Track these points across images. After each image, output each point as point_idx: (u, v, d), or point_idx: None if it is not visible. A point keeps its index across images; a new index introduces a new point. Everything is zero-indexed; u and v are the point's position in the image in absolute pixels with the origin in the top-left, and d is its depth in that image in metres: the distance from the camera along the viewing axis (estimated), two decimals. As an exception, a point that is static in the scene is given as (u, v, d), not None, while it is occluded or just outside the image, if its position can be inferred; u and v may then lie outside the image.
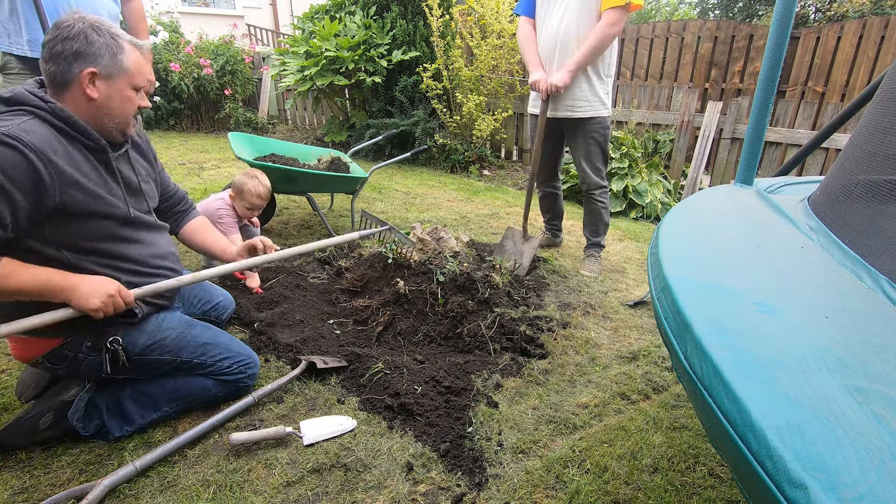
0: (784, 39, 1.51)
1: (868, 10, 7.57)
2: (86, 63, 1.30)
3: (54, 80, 1.31)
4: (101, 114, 1.36)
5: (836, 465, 0.56)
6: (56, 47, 1.28)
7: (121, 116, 1.40)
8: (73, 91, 1.32)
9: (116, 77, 1.36)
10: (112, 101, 1.36)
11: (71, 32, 1.29)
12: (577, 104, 2.74)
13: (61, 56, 1.28)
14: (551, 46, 2.70)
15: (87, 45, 1.30)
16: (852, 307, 0.89)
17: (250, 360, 1.70)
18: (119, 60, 1.35)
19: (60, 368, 1.47)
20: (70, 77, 1.30)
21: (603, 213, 3.03)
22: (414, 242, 2.32)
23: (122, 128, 1.43)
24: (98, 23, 1.34)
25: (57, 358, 1.44)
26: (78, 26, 1.30)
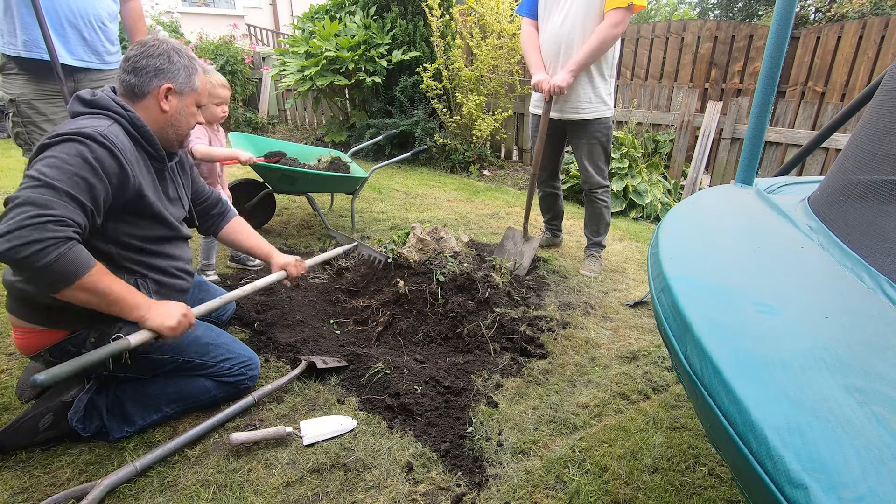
0: (784, 39, 1.51)
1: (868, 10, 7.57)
2: (165, 79, 1.45)
3: (132, 90, 1.44)
4: (168, 125, 1.51)
5: (836, 465, 0.56)
6: (140, 62, 1.43)
7: (184, 129, 1.56)
8: (147, 101, 1.46)
9: (187, 94, 1.52)
10: (180, 114, 1.52)
11: (156, 51, 1.44)
12: (581, 105, 2.74)
13: (144, 70, 1.43)
14: (554, 47, 2.70)
15: (169, 63, 1.45)
16: (852, 307, 0.89)
17: (251, 361, 1.71)
18: (192, 80, 1.52)
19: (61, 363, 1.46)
20: (148, 90, 1.45)
21: (604, 212, 3.04)
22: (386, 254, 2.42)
23: (182, 139, 1.58)
24: (179, 46, 1.50)
25: (59, 352, 1.44)
26: (162, 47, 1.45)
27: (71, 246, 1.18)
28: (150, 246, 1.51)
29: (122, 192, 1.35)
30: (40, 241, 1.12)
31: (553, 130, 2.90)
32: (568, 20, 2.62)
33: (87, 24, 2.30)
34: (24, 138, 2.32)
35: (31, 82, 2.26)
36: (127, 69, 1.44)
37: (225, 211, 1.93)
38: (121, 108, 1.40)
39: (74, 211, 1.21)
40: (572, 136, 2.91)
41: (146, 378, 1.58)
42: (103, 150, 1.29)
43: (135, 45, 1.45)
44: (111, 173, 1.30)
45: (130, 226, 1.43)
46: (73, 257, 1.18)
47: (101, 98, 1.40)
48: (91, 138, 1.27)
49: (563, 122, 2.84)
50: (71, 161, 1.23)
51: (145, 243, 1.49)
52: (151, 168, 1.50)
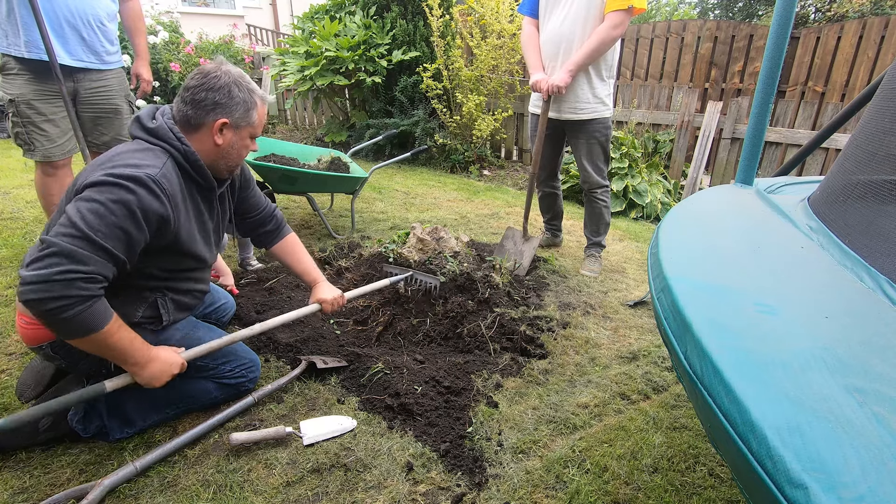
0: (784, 39, 1.51)
1: (868, 10, 7.57)
2: (221, 114, 1.43)
3: (188, 121, 1.43)
4: (219, 157, 1.49)
5: (836, 465, 0.56)
6: (199, 95, 1.40)
7: (235, 161, 1.54)
8: (202, 134, 1.44)
9: (243, 129, 1.49)
10: (233, 148, 1.50)
11: (217, 84, 1.41)
12: (580, 106, 2.74)
13: (202, 104, 1.41)
14: (554, 47, 2.70)
15: (228, 98, 1.42)
16: (852, 307, 0.89)
17: (252, 363, 1.71)
18: (250, 115, 1.49)
19: (59, 359, 1.46)
20: (203, 122, 1.43)
21: (604, 212, 3.04)
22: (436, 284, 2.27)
23: (232, 169, 1.56)
24: (241, 78, 1.46)
25: (60, 348, 1.43)
26: (223, 80, 1.42)
27: (93, 303, 1.19)
28: (174, 275, 1.52)
29: (160, 235, 1.35)
30: (65, 297, 1.14)
31: (552, 130, 2.90)
32: (568, 20, 2.62)
33: (86, 25, 2.31)
34: (24, 138, 2.32)
35: (30, 82, 2.26)
36: (186, 99, 1.42)
37: (278, 227, 1.89)
38: (178, 141, 1.40)
39: (106, 266, 1.22)
40: (571, 136, 2.91)
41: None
42: (151, 197, 1.27)
43: (196, 75, 1.42)
44: (153, 220, 1.30)
45: (158, 259, 1.43)
46: (90, 316, 1.19)
47: (161, 128, 1.39)
48: (142, 184, 1.26)
49: (562, 122, 2.84)
50: (116, 211, 1.22)
51: (171, 273, 1.50)
52: (198, 198, 1.49)
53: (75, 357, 1.45)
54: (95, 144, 2.54)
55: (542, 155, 2.93)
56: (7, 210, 3.30)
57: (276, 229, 1.88)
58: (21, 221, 3.13)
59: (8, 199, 3.54)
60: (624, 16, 2.49)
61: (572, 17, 2.61)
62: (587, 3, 2.56)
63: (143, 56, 2.65)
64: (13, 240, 2.83)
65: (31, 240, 2.86)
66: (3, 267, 2.53)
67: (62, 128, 2.37)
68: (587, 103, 2.73)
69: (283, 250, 1.88)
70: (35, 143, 2.32)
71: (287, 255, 1.89)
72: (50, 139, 2.35)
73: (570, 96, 2.72)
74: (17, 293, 1.41)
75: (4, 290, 2.31)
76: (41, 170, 2.42)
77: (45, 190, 2.46)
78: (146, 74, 2.65)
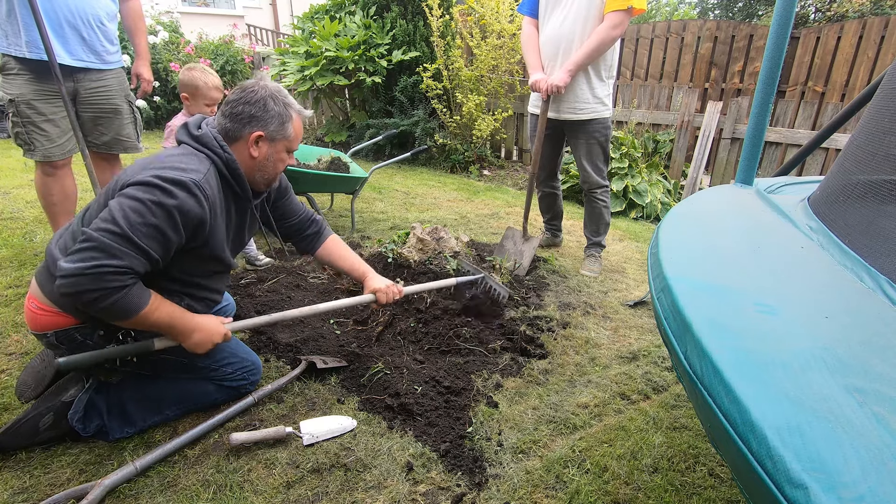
0: (784, 39, 1.51)
1: (868, 10, 7.57)
2: (257, 127, 1.47)
3: (227, 134, 1.48)
4: (255, 169, 1.53)
5: (836, 465, 0.56)
6: (237, 108, 1.46)
7: (272, 174, 1.57)
8: (238, 146, 1.49)
9: (278, 141, 1.52)
10: (268, 160, 1.53)
11: (253, 98, 1.46)
12: (579, 106, 2.74)
13: (239, 117, 1.46)
14: (553, 47, 2.71)
15: (263, 111, 1.47)
16: (852, 307, 0.89)
17: (254, 366, 1.71)
18: (285, 128, 1.52)
19: (64, 349, 1.45)
20: (240, 135, 1.47)
21: (604, 212, 3.04)
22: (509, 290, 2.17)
23: (269, 182, 1.59)
24: (277, 92, 1.50)
25: (65, 338, 1.43)
26: (260, 94, 1.47)
27: (127, 291, 1.24)
28: (196, 280, 1.53)
29: (194, 237, 1.38)
30: (98, 290, 1.20)
31: (552, 130, 2.90)
32: (568, 21, 2.62)
33: (86, 24, 2.31)
34: (24, 138, 2.32)
35: (30, 82, 2.26)
36: (225, 113, 1.47)
37: (320, 230, 1.91)
38: (221, 149, 1.44)
39: (140, 262, 1.25)
40: (570, 136, 2.91)
41: (147, 379, 1.58)
42: (193, 202, 1.31)
43: (236, 89, 1.48)
44: (191, 224, 1.33)
45: (185, 260, 1.44)
46: (127, 302, 1.24)
47: (206, 135, 1.44)
48: (186, 188, 1.30)
49: (562, 122, 2.84)
50: (157, 213, 1.25)
51: (194, 277, 1.52)
52: (233, 207, 1.53)
53: (79, 348, 1.45)
54: (95, 144, 2.54)
55: (541, 155, 2.93)
56: (7, 210, 3.30)
57: (317, 233, 1.90)
58: (21, 221, 3.13)
59: (8, 199, 3.54)
60: (623, 16, 2.49)
61: (572, 18, 2.61)
62: (587, 3, 2.56)
63: (144, 56, 2.64)
64: (13, 240, 2.83)
65: (31, 240, 2.86)
66: (3, 267, 2.53)
67: (62, 128, 2.37)
68: (586, 103, 2.73)
69: (327, 252, 1.90)
70: (35, 143, 2.32)
71: (332, 256, 1.90)
72: (50, 139, 2.35)
73: (570, 96, 2.72)
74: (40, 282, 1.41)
75: (4, 289, 2.31)
76: (41, 170, 2.42)
77: (45, 190, 2.46)
78: (146, 74, 2.65)
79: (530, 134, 3.01)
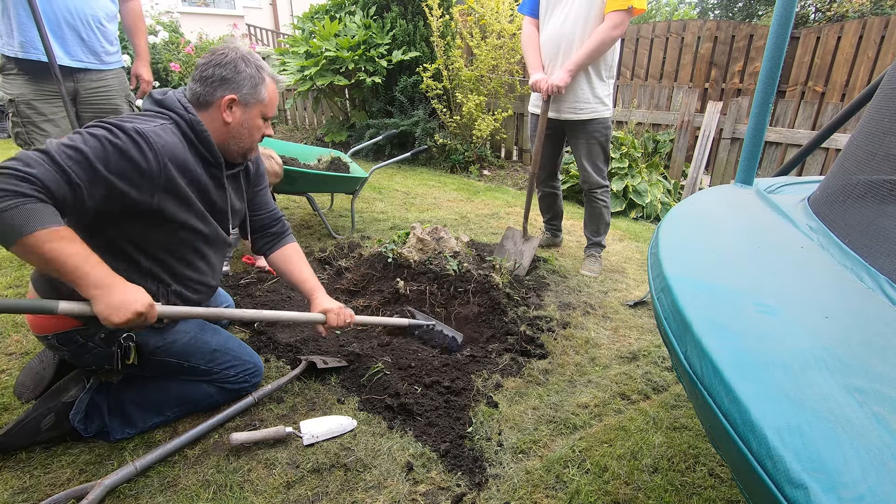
0: (784, 39, 1.51)
1: (868, 10, 7.57)
2: (229, 90, 1.42)
3: (197, 99, 1.43)
4: (229, 137, 1.47)
5: (836, 465, 0.56)
6: (207, 71, 1.40)
7: (247, 142, 1.51)
8: (211, 111, 1.43)
9: (252, 106, 1.47)
10: (243, 126, 1.47)
11: (223, 60, 1.41)
12: (580, 106, 2.74)
13: (209, 80, 1.40)
14: (554, 47, 2.71)
15: (234, 73, 1.41)
16: (852, 307, 0.89)
17: (256, 368, 1.70)
18: (258, 91, 1.46)
19: (65, 351, 1.45)
20: (212, 99, 1.42)
21: (604, 212, 3.05)
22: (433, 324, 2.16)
23: (245, 152, 1.53)
24: (249, 54, 1.45)
25: (66, 340, 1.43)
26: (231, 56, 1.42)
27: (25, 202, 1.08)
28: (179, 252, 1.46)
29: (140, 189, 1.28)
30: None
31: (552, 130, 2.90)
32: (568, 21, 2.62)
33: (85, 25, 2.30)
34: (24, 138, 2.32)
35: (30, 83, 2.26)
36: (195, 77, 1.42)
37: (283, 232, 1.84)
38: (185, 110, 1.39)
39: (54, 177, 1.13)
40: (571, 136, 2.91)
41: (148, 381, 1.58)
42: (130, 144, 1.24)
43: (206, 54, 1.43)
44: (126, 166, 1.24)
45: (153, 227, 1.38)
46: (22, 213, 1.07)
47: (168, 98, 1.41)
48: (125, 131, 1.25)
49: (562, 122, 2.84)
50: (89, 141, 1.21)
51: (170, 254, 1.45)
52: (204, 173, 1.45)
53: (80, 350, 1.45)
54: None
55: (541, 155, 2.93)
56: (7, 210, 3.30)
57: (280, 233, 1.83)
58: (21, 221, 3.12)
59: (8, 199, 3.54)
60: (624, 16, 2.49)
61: (573, 18, 2.61)
62: (587, 3, 2.56)
63: (144, 56, 2.64)
64: (13, 240, 2.83)
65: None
66: (3, 267, 2.53)
67: (62, 128, 2.37)
68: (587, 103, 2.73)
69: (285, 256, 1.81)
70: (35, 143, 2.32)
71: (288, 262, 1.80)
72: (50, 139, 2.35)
73: (570, 96, 2.72)
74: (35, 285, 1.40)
75: (4, 290, 2.31)
76: None
77: None
78: (146, 75, 2.65)
79: (531, 134, 3.02)
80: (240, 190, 1.65)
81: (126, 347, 1.44)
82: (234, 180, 1.60)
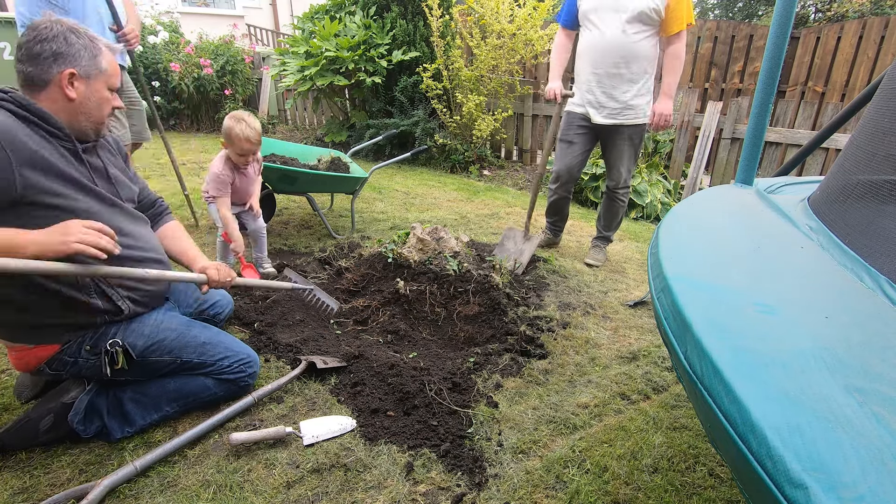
0: (784, 39, 1.51)
1: (868, 10, 7.57)
2: (65, 64, 1.31)
3: (31, 80, 1.31)
4: (77, 112, 1.37)
5: (836, 465, 0.56)
6: (35, 48, 1.29)
7: (97, 115, 1.41)
8: (50, 91, 1.32)
9: (94, 78, 1.37)
10: (89, 100, 1.38)
11: (50, 34, 1.30)
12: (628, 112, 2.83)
13: (40, 57, 1.29)
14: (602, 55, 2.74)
15: (67, 46, 1.31)
16: (852, 307, 0.89)
17: (250, 358, 1.70)
18: (98, 62, 1.37)
19: (63, 374, 1.47)
20: (49, 77, 1.31)
21: (620, 210, 3.16)
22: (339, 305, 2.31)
23: (97, 127, 1.44)
24: (76, 26, 1.36)
25: (58, 364, 1.44)
26: (56, 28, 1.31)
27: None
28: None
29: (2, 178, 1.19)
30: None
31: (587, 133, 2.96)
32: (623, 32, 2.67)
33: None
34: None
35: None
36: (21, 58, 1.29)
37: (161, 213, 1.80)
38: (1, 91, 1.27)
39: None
40: (612, 139, 2.96)
41: (146, 379, 1.58)
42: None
43: (26, 31, 1.31)
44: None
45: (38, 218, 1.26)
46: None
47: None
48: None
49: (603, 126, 2.89)
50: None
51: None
52: (61, 149, 1.34)
53: (73, 367, 1.46)
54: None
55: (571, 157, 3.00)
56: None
57: (159, 213, 1.79)
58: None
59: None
60: (686, 32, 2.71)
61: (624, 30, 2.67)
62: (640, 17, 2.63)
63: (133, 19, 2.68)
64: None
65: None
66: None
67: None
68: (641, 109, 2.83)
69: (168, 232, 1.76)
70: None
71: (168, 238, 1.75)
72: None
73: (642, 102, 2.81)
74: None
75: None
76: None
77: None
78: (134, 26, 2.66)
79: (563, 132, 3.04)
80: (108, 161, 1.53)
81: (113, 353, 1.44)
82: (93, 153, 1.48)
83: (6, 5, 8.76)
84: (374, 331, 2.21)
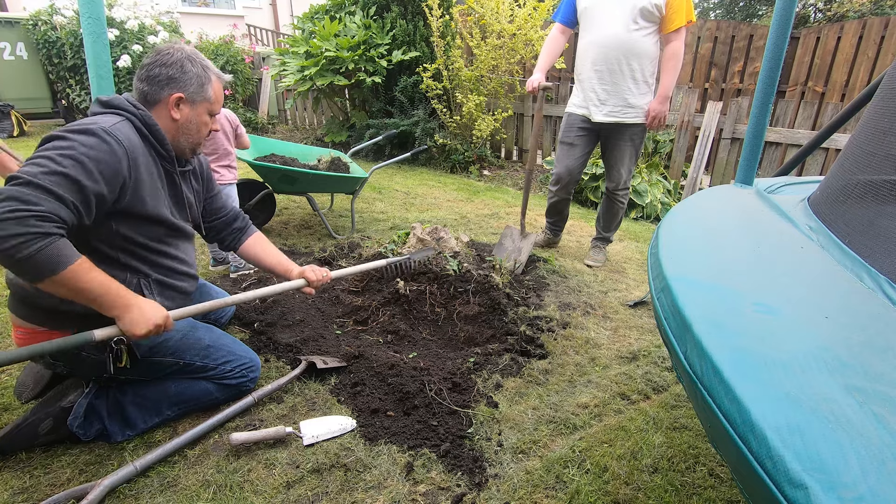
0: (784, 39, 1.51)
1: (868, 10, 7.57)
2: (176, 88, 1.47)
3: (145, 97, 1.46)
4: (179, 133, 1.51)
5: (836, 465, 0.56)
6: (154, 71, 1.45)
7: (195, 137, 1.56)
8: (159, 109, 1.47)
9: (199, 103, 1.52)
10: (191, 123, 1.52)
11: (169, 60, 1.45)
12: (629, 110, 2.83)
13: (156, 79, 1.45)
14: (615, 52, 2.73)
15: (181, 73, 1.47)
16: (852, 307, 0.89)
17: (252, 363, 1.70)
18: (205, 90, 1.52)
19: (61, 365, 1.46)
20: (159, 97, 1.46)
21: (620, 211, 3.16)
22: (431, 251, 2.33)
23: (194, 147, 1.58)
24: (194, 54, 1.51)
25: (60, 355, 1.43)
26: (176, 56, 1.47)
27: (53, 241, 1.15)
28: (152, 244, 1.48)
29: (119, 187, 1.32)
30: (21, 234, 1.11)
31: (588, 133, 2.96)
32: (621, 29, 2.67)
33: None
34: None
35: None
36: (141, 77, 1.46)
37: (246, 226, 1.88)
38: (133, 107, 1.41)
39: (59, 207, 1.18)
40: (612, 139, 2.95)
41: (147, 381, 1.58)
42: (103, 146, 1.27)
43: (151, 54, 1.47)
44: (106, 170, 1.27)
45: (130, 226, 1.40)
46: (53, 252, 1.15)
47: (115, 98, 1.43)
48: (93, 134, 1.26)
49: (605, 125, 2.88)
50: (63, 162, 1.20)
51: (148, 241, 1.47)
52: (161, 169, 1.49)
53: (75, 361, 1.45)
54: None
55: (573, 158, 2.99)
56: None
57: (245, 226, 1.87)
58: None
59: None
60: (684, 30, 2.67)
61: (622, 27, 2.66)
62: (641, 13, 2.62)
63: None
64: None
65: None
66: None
67: None
68: (640, 108, 2.82)
69: (255, 243, 1.85)
70: None
71: (257, 251, 1.84)
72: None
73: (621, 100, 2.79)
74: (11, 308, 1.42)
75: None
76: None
77: None
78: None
79: (563, 133, 3.04)
80: (191, 190, 1.67)
81: (118, 351, 1.44)
82: (185, 176, 1.63)
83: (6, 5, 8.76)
84: (374, 331, 2.21)
